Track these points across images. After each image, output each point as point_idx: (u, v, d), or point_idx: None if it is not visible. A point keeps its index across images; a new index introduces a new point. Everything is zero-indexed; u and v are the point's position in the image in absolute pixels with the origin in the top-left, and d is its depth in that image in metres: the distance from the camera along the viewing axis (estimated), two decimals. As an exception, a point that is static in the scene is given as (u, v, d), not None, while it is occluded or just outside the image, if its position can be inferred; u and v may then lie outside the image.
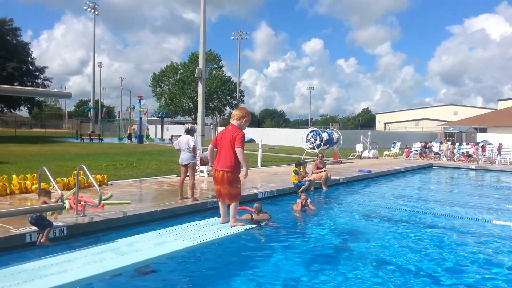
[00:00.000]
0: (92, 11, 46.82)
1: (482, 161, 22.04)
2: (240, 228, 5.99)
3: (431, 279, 4.85)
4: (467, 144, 26.24)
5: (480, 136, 39.76)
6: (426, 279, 4.84)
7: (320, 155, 12.33)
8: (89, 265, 4.08)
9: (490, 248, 6.25)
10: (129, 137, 34.94)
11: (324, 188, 11.36)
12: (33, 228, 5.36)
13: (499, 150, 23.30)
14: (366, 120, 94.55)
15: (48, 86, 44.46)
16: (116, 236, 5.59)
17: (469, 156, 22.22)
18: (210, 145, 6.32)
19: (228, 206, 6.15)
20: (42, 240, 5.29)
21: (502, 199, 11.09)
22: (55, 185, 6.20)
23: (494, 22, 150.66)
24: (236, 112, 6.13)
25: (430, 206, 9.73)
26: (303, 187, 10.45)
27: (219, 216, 6.34)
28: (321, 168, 11.71)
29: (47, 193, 5.68)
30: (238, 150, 5.73)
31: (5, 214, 4.77)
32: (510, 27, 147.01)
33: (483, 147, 23.49)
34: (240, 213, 6.87)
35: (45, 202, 5.45)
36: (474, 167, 20.27)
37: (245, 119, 6.06)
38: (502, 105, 54.35)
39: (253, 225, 6.32)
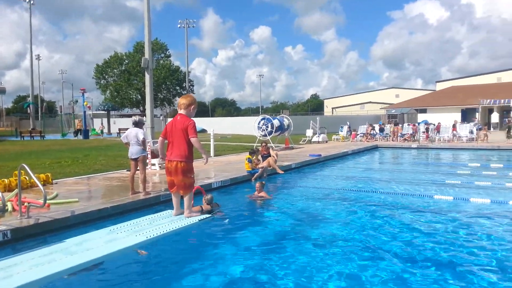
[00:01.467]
0: (27, 0, 43.90)
1: (422, 140, 23.38)
2: (195, 218, 5.94)
3: (387, 255, 5.10)
4: (408, 124, 27.61)
5: (421, 117, 41.96)
6: (382, 255, 5.09)
7: (264, 144, 12.56)
8: (36, 267, 3.88)
9: (433, 220, 6.68)
10: (78, 132, 33.29)
11: (279, 171, 11.62)
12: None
13: (438, 129, 24.78)
14: (315, 106, 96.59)
15: (-19, 81, 41.34)
16: (65, 236, 5.36)
17: (427, 131, 23.86)
18: (160, 138, 6.19)
19: (182, 197, 6.09)
20: None
21: (443, 174, 11.83)
22: (-5, 187, 5.83)
23: (432, 7, 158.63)
24: (182, 101, 6.00)
25: (377, 185, 10.19)
26: (257, 174, 10.56)
27: (173, 209, 6.26)
28: (267, 154, 11.93)
29: None
30: (193, 140, 5.67)
31: None
32: (445, 11, 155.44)
33: (437, 127, 24.85)
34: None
35: None
36: (416, 146, 21.45)
37: (192, 106, 5.97)
38: (440, 86, 57.33)
39: (208, 215, 6.30)
